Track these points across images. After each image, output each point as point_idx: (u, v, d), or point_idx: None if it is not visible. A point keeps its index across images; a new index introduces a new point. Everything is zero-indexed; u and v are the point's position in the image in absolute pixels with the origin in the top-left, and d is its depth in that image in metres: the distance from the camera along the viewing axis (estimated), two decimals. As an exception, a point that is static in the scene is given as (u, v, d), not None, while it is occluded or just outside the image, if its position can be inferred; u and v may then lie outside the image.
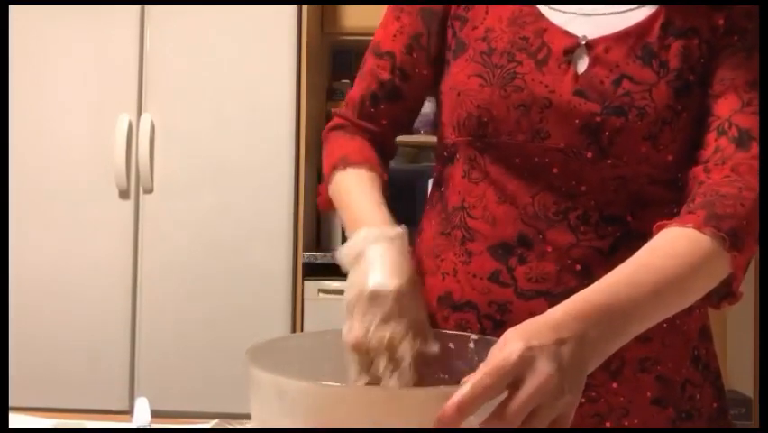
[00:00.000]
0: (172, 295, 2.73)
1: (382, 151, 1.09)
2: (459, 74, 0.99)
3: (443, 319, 0.99)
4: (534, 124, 0.93)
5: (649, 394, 0.95)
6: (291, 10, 2.76)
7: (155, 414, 1.12)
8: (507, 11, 0.98)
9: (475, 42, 0.98)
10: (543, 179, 0.94)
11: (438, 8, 1.03)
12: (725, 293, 0.88)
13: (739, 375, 3.54)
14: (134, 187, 2.75)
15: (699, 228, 0.83)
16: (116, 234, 2.75)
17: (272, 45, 2.76)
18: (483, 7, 1.00)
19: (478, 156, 0.98)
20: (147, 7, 2.76)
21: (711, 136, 0.92)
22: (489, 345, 0.78)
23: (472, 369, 0.78)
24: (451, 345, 0.80)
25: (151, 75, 2.76)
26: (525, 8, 0.97)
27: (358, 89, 1.10)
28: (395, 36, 1.06)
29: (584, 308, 0.75)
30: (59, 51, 2.77)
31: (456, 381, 0.78)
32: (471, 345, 0.79)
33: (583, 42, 0.94)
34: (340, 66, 3.43)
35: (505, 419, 0.65)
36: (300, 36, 2.78)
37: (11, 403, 1.15)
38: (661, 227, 0.86)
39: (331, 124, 1.12)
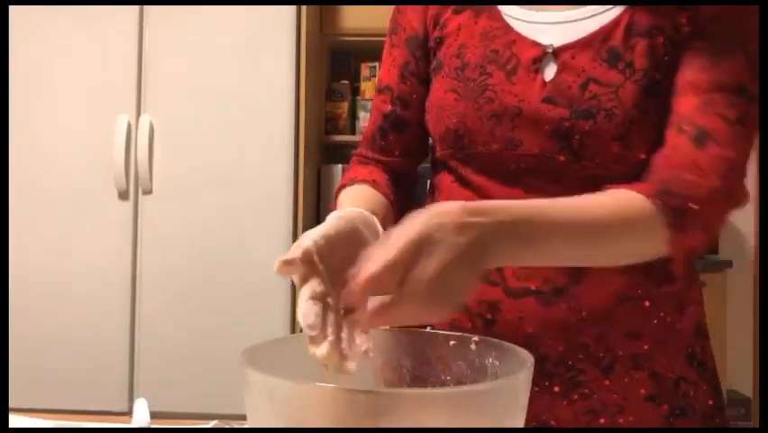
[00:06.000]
0: (171, 296, 2.73)
1: (398, 181, 1.12)
2: (437, 90, 1.03)
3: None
4: (507, 132, 0.96)
5: (643, 391, 0.96)
6: (290, 10, 2.76)
7: (154, 415, 1.12)
8: (478, 27, 1.02)
9: (450, 60, 1.03)
10: (522, 183, 0.97)
11: (420, 33, 1.08)
12: (663, 275, 0.94)
13: (739, 375, 3.54)
14: (133, 188, 2.75)
15: (647, 196, 0.85)
16: (116, 235, 2.74)
17: (271, 46, 2.76)
18: (456, 25, 1.04)
19: (460, 166, 1.02)
20: (146, 8, 2.76)
21: (671, 133, 0.92)
22: (491, 346, 0.78)
23: (474, 370, 0.78)
24: (452, 346, 0.80)
25: (150, 76, 2.76)
26: (495, 23, 1.01)
27: (368, 127, 1.16)
28: (389, 70, 1.12)
29: (502, 207, 0.76)
30: (58, 52, 2.77)
31: (457, 381, 0.78)
32: (473, 346, 0.79)
33: (550, 51, 0.96)
34: (339, 66, 3.43)
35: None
36: (299, 36, 2.78)
37: (10, 404, 1.15)
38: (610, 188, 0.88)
39: (350, 161, 1.17)
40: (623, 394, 0.96)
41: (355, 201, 1.01)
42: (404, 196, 1.11)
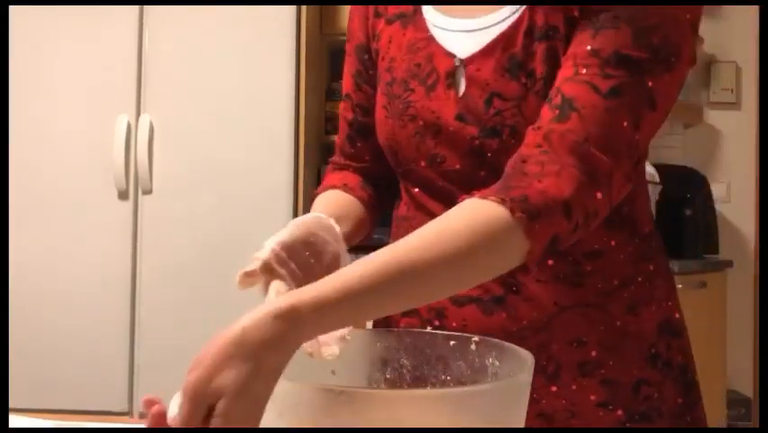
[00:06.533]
0: (171, 295, 2.73)
1: (376, 182, 1.11)
2: (376, 106, 1.02)
3: (395, 323, 1.02)
4: (431, 150, 0.95)
5: (594, 398, 0.94)
6: (290, 10, 2.76)
7: (154, 415, 1.12)
8: (405, 39, 0.99)
9: (383, 74, 1.01)
10: (452, 196, 0.92)
11: (364, 42, 1.07)
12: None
13: (739, 375, 3.54)
14: (133, 187, 2.75)
15: (484, 197, 0.77)
16: (115, 234, 2.74)
17: (271, 45, 2.76)
18: (387, 37, 1.02)
19: (402, 180, 1.03)
20: (146, 7, 2.76)
21: (543, 106, 0.85)
22: (490, 346, 0.78)
23: (474, 370, 0.78)
24: (452, 346, 0.80)
25: (150, 75, 2.76)
26: (420, 33, 0.98)
27: (338, 135, 1.15)
28: (347, 78, 1.11)
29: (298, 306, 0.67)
30: (58, 52, 2.77)
31: (457, 381, 0.78)
32: (473, 346, 0.79)
33: (458, 63, 0.94)
34: (339, 66, 3.41)
35: None
36: (299, 36, 2.78)
37: (11, 405, 1.15)
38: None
39: (327, 170, 1.16)
40: (571, 400, 0.94)
41: (321, 208, 1.00)
42: (384, 194, 1.10)
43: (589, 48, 0.83)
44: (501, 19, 0.92)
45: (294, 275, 0.79)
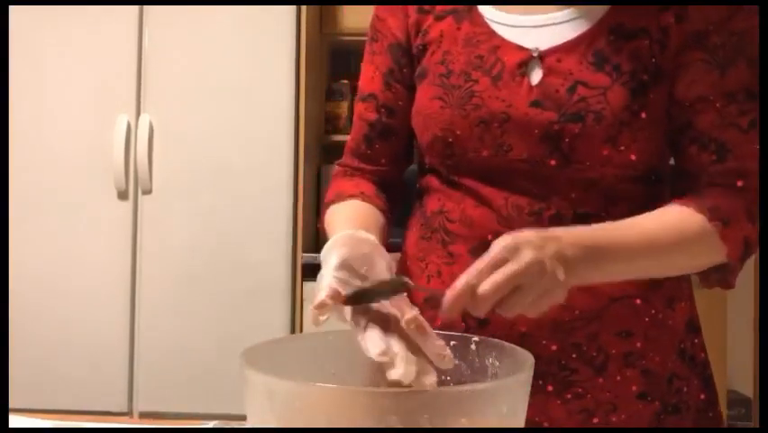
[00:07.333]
0: (171, 296, 2.73)
1: (386, 188, 1.11)
2: (422, 98, 1.02)
3: (430, 320, 1.00)
4: (497, 138, 0.96)
5: (635, 388, 0.97)
6: (290, 10, 2.76)
7: (154, 415, 1.12)
8: (461, 33, 1.01)
9: (434, 67, 1.02)
10: (514, 185, 0.97)
11: (402, 40, 1.07)
12: (719, 279, 0.96)
13: (739, 375, 3.54)
14: (133, 188, 2.75)
15: (682, 204, 0.93)
16: (115, 235, 2.74)
17: (271, 45, 2.76)
18: (438, 32, 1.03)
19: (451, 173, 1.02)
20: (146, 7, 2.76)
21: (693, 150, 0.96)
22: (491, 346, 0.78)
23: (474, 370, 0.78)
24: (452, 347, 0.80)
25: (150, 75, 2.76)
26: (478, 28, 1.00)
27: (352, 136, 1.14)
28: (372, 78, 1.10)
29: (571, 233, 0.85)
30: (58, 52, 2.77)
31: (457, 382, 0.78)
32: (473, 346, 0.79)
33: (536, 54, 0.96)
34: (339, 66, 3.42)
35: (476, 296, 0.76)
36: (299, 36, 2.78)
37: (10, 404, 1.15)
38: None
39: (334, 172, 1.15)
40: (615, 393, 0.96)
41: (348, 220, 0.98)
42: (393, 203, 1.11)
43: (723, 91, 0.94)
44: (574, 16, 0.96)
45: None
